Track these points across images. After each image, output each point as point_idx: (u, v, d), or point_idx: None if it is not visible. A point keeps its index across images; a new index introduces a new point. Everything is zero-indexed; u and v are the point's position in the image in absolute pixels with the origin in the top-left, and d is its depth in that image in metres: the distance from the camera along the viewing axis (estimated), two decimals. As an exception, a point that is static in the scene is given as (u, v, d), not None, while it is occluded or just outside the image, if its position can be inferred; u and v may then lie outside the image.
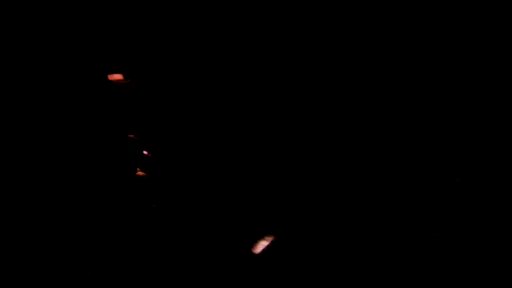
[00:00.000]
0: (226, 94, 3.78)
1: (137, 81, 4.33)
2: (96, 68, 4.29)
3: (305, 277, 2.83)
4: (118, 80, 4.49)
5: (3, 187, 3.64)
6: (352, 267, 2.73)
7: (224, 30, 3.80)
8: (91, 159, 4.07)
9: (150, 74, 4.26)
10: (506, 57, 2.63)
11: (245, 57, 3.83)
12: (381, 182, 2.89)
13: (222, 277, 2.96)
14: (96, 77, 4.29)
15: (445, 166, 2.71)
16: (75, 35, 4.12)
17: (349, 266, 2.73)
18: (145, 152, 4.17)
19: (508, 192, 2.52)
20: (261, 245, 2.74)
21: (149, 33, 4.19)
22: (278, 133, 3.60)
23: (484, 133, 2.63)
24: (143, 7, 4.08)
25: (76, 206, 3.76)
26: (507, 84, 2.59)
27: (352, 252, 2.76)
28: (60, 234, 3.50)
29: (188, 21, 4.03)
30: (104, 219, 3.65)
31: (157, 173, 3.79)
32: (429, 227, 2.67)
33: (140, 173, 4.11)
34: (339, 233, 2.82)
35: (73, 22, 4.13)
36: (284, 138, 3.60)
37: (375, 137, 3.03)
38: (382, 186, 2.87)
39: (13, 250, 3.33)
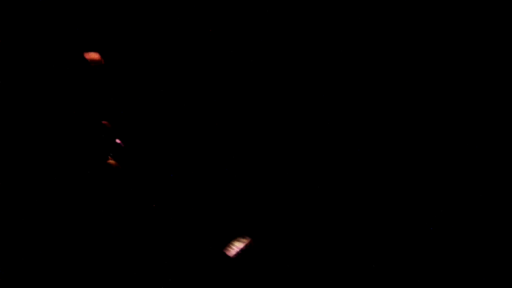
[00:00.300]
0: (207, 83, 3.58)
1: (115, 63, 4.03)
2: (71, 43, 3.96)
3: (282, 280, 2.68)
4: (94, 60, 4.17)
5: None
6: (330, 271, 2.60)
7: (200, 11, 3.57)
8: (58, 143, 3.73)
9: (130, 56, 3.97)
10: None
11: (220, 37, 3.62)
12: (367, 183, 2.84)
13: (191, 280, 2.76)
14: (70, 53, 3.95)
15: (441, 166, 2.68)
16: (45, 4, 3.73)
17: (326, 270, 2.60)
18: (118, 141, 3.87)
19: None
20: (236, 247, 2.55)
21: (132, 12, 3.88)
22: (256, 130, 3.45)
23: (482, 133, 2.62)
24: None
25: (36, 193, 3.42)
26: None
27: (330, 256, 2.64)
28: (17, 224, 3.17)
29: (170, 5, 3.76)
30: (67, 208, 3.35)
31: (129, 164, 3.52)
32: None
33: (111, 161, 3.82)
34: (317, 236, 2.69)
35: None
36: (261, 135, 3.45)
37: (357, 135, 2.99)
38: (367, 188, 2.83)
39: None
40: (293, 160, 3.13)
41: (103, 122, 4.46)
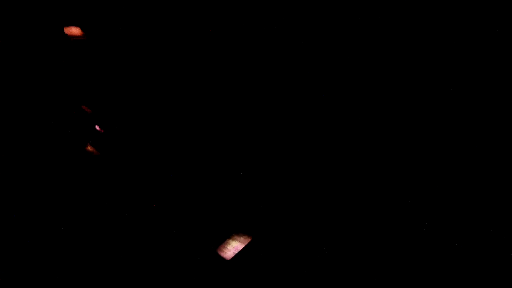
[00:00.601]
0: (194, 70, 3.23)
1: (97, 38, 3.61)
2: (51, 17, 3.52)
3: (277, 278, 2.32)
4: (75, 35, 3.73)
5: None
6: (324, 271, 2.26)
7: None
8: (37, 127, 3.28)
9: (114, 31, 3.55)
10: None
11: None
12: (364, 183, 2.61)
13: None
14: (50, 28, 3.51)
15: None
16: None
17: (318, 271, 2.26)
18: (97, 127, 3.50)
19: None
20: (232, 248, 2.17)
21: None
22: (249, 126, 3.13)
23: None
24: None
25: (15, 179, 2.99)
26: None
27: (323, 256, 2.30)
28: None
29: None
30: (44, 194, 2.93)
31: (108, 151, 3.12)
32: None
33: (90, 148, 3.42)
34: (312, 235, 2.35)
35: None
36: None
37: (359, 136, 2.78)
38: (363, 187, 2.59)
39: None
40: (290, 159, 2.85)
41: (83, 107, 4.04)
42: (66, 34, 3.70)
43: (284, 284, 2.21)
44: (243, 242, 2.13)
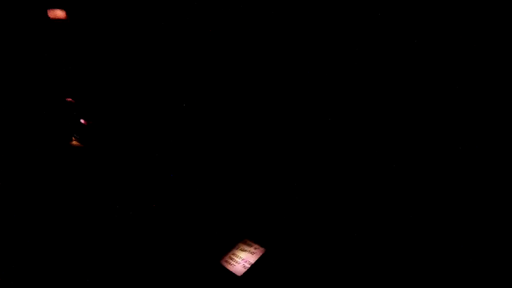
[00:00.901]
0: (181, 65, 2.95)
1: (81, 21, 3.25)
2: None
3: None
4: (59, 18, 3.36)
5: None
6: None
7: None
8: (19, 122, 2.93)
9: (100, 13, 3.20)
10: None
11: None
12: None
13: None
14: (33, 10, 3.15)
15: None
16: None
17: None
18: (82, 121, 3.17)
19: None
20: (242, 261, 1.83)
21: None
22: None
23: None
24: None
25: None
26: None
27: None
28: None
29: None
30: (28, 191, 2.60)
31: (93, 145, 2.78)
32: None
33: (75, 142, 3.07)
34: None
35: None
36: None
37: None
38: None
39: None
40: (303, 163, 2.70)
41: (67, 99, 3.66)
42: (49, 17, 3.34)
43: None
44: (254, 254, 1.80)
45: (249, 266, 1.70)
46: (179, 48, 3.21)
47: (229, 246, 2.10)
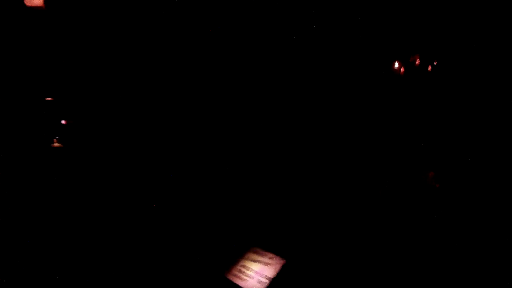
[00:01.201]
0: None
1: (60, 9, 2.99)
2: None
3: None
4: (35, 6, 3.09)
5: None
6: None
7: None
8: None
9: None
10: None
11: None
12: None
13: None
14: None
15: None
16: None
17: None
18: (63, 122, 2.89)
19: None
20: (257, 276, 1.53)
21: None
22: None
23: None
24: None
25: None
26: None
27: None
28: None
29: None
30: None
31: (76, 146, 2.50)
32: None
33: (56, 144, 2.77)
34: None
35: None
36: None
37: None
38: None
39: None
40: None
41: (47, 99, 3.34)
42: (26, 5, 3.07)
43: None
44: (270, 265, 1.49)
45: (267, 281, 1.39)
46: (166, 41, 3.07)
47: (235, 255, 1.80)
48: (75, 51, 3.06)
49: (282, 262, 1.50)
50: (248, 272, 1.55)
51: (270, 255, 1.59)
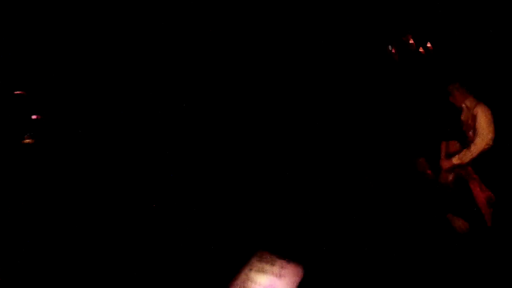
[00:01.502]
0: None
1: None
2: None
3: None
4: None
5: None
6: None
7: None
8: None
9: None
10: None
11: None
12: None
13: None
14: None
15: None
16: None
17: None
18: (34, 117, 2.65)
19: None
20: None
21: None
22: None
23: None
24: None
25: None
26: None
27: None
28: None
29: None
30: None
31: (47, 141, 2.26)
32: None
33: (28, 140, 2.52)
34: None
35: None
36: None
37: None
38: None
39: None
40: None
41: (18, 92, 3.03)
42: None
43: None
44: (283, 276, 1.14)
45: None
46: (150, 30, 2.82)
47: (238, 264, 1.48)
48: (49, 40, 2.76)
49: (299, 272, 1.15)
50: (255, 286, 1.20)
51: (282, 262, 1.25)
